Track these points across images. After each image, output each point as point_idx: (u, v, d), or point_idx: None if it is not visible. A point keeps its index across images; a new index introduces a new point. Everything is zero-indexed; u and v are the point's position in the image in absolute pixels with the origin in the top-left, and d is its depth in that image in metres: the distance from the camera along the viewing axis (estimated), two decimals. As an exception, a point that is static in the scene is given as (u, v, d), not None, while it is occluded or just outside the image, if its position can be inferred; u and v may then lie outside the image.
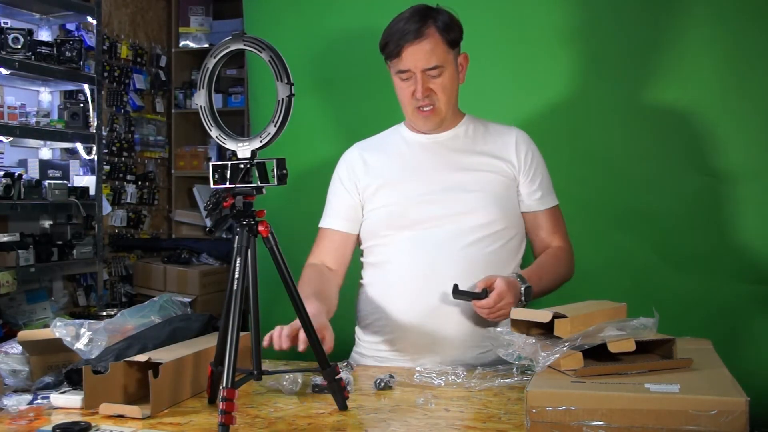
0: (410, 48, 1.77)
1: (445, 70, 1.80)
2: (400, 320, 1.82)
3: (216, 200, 1.30)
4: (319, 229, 1.98)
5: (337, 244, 1.94)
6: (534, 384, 1.22)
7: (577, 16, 2.34)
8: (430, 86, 1.80)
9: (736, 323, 2.20)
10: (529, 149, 1.89)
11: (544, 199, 1.89)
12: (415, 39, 1.77)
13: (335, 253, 1.94)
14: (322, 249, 1.95)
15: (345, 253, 1.95)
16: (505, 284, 1.68)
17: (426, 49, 1.77)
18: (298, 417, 1.37)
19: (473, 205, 1.81)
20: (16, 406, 1.43)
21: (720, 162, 2.22)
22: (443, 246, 1.79)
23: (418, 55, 1.77)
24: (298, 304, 1.39)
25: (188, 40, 5.27)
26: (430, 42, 1.77)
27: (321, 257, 1.95)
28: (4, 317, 3.58)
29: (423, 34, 1.77)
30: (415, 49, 1.77)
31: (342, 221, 1.94)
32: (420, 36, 1.77)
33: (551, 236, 1.91)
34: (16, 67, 3.42)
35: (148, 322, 1.64)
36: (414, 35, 1.77)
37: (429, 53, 1.77)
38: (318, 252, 1.96)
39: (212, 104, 1.38)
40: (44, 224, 3.94)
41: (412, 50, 1.77)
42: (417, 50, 1.77)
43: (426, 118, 1.85)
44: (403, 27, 1.78)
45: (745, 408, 1.09)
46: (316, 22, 2.62)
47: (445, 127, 1.90)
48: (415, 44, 1.77)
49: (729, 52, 2.20)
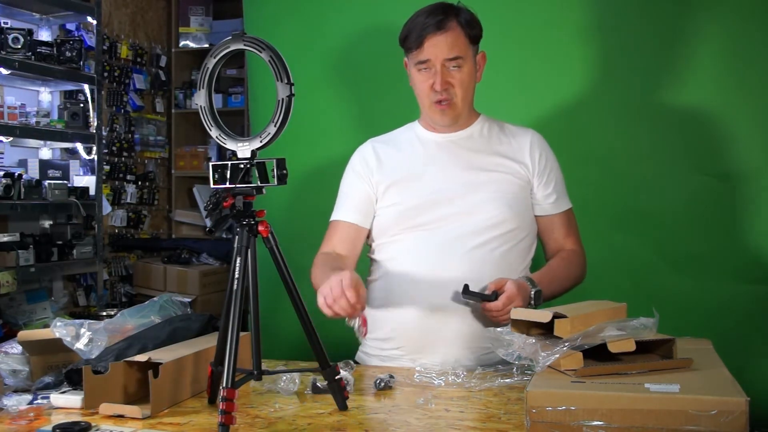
0: (432, 38, 1.79)
1: (464, 63, 1.81)
2: (402, 319, 1.82)
3: (216, 200, 1.30)
4: (330, 222, 1.96)
5: (350, 236, 1.92)
6: (534, 384, 1.22)
7: (578, 19, 2.34)
8: (448, 79, 1.81)
9: (736, 323, 2.20)
10: (544, 152, 1.89)
11: (558, 202, 1.89)
12: (438, 30, 1.78)
13: (347, 244, 1.92)
14: (333, 240, 1.93)
15: (356, 245, 1.93)
16: (516, 288, 1.69)
17: (448, 41, 1.79)
18: (298, 417, 1.37)
19: (484, 205, 1.81)
20: (16, 406, 1.43)
21: (720, 162, 2.22)
22: (450, 245, 1.79)
23: (440, 45, 1.79)
24: (298, 304, 1.39)
25: (188, 40, 5.27)
26: (452, 34, 1.79)
27: (332, 247, 1.93)
28: (4, 317, 3.58)
29: (445, 26, 1.79)
30: (438, 39, 1.79)
31: (355, 214, 1.92)
32: (442, 28, 1.79)
33: (564, 239, 1.90)
34: (16, 67, 3.42)
35: (148, 322, 1.64)
36: (436, 26, 1.79)
37: (451, 44, 1.79)
38: (329, 243, 1.94)
39: (212, 104, 1.38)
40: (44, 224, 3.94)
41: (435, 41, 1.79)
42: (439, 41, 1.79)
43: (443, 112, 1.84)
44: (425, 20, 1.80)
45: (745, 408, 1.09)
46: (316, 22, 2.63)
47: (460, 126, 1.90)
48: (437, 35, 1.78)
49: (729, 52, 2.20)
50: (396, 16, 1.92)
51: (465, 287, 1.70)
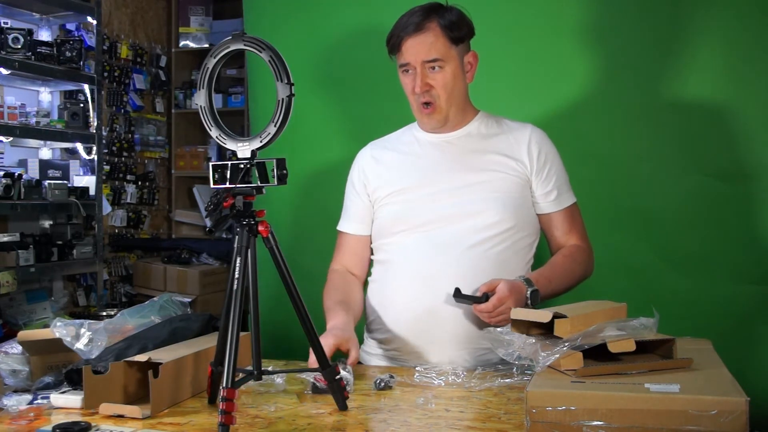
0: (410, 40, 1.78)
1: (446, 65, 1.80)
2: (399, 319, 1.82)
3: (217, 200, 1.30)
4: (337, 231, 2.01)
5: (356, 247, 1.98)
6: (534, 384, 1.22)
7: (578, 19, 2.34)
8: (429, 81, 1.80)
9: (736, 323, 2.20)
10: (543, 148, 1.87)
11: (559, 198, 1.88)
12: (415, 32, 1.78)
13: (355, 257, 1.98)
14: (342, 254, 1.99)
15: (364, 255, 1.98)
16: (507, 289, 1.67)
17: (425, 42, 1.78)
18: (298, 417, 1.37)
19: (480, 205, 1.80)
20: (16, 406, 1.43)
21: (720, 162, 2.22)
22: (447, 247, 1.78)
23: (417, 47, 1.78)
24: (298, 304, 1.39)
25: (188, 40, 5.27)
26: (431, 36, 1.78)
27: (343, 262, 1.98)
28: (4, 317, 3.58)
29: (423, 28, 1.78)
30: (414, 41, 1.78)
31: (356, 225, 1.97)
32: (420, 29, 1.78)
33: (567, 236, 1.89)
34: (16, 67, 3.42)
35: (148, 322, 1.64)
36: (414, 28, 1.78)
37: (428, 46, 1.78)
38: (339, 257, 2.00)
39: (212, 104, 1.38)
40: (44, 224, 3.94)
41: (412, 42, 1.78)
42: (416, 42, 1.78)
43: (428, 116, 1.84)
44: (405, 21, 1.80)
45: (745, 408, 1.09)
46: (316, 22, 2.62)
47: (454, 126, 1.89)
48: (414, 36, 1.78)
49: (730, 52, 2.20)
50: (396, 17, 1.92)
51: (456, 291, 1.69)
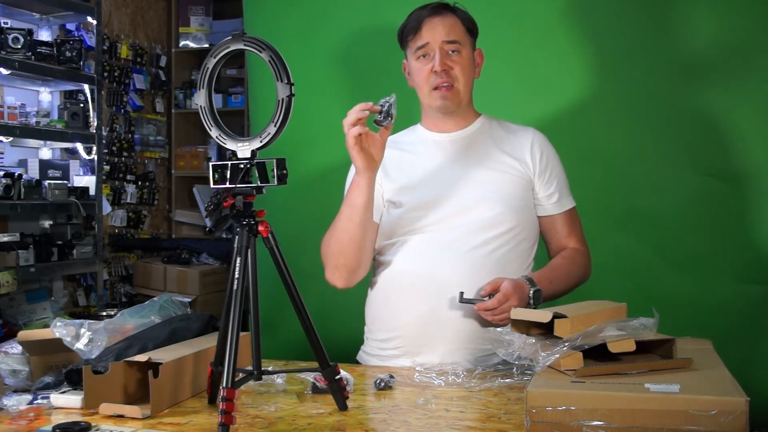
0: (430, 22, 1.82)
1: (463, 50, 1.83)
2: (400, 320, 1.81)
3: (217, 200, 1.30)
4: None
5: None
6: (534, 384, 1.22)
7: (580, 17, 2.34)
8: (448, 62, 1.81)
9: (736, 323, 2.20)
10: (545, 151, 1.88)
11: (560, 201, 1.89)
12: (435, 14, 1.82)
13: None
14: None
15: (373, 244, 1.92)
16: (511, 287, 1.68)
17: (446, 23, 1.82)
18: (298, 417, 1.37)
19: (483, 204, 1.80)
20: (16, 406, 1.43)
21: (720, 162, 2.22)
22: (449, 247, 1.78)
23: (437, 28, 1.81)
24: (298, 304, 1.39)
25: (188, 40, 5.27)
26: (450, 19, 1.83)
27: None
28: (4, 317, 3.58)
29: (442, 13, 1.83)
30: (435, 22, 1.82)
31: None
32: (439, 13, 1.83)
33: (566, 239, 1.90)
34: (16, 67, 3.42)
35: (148, 322, 1.64)
36: (433, 11, 1.83)
37: (449, 28, 1.82)
38: None
39: (212, 104, 1.38)
40: (44, 224, 3.94)
41: (432, 23, 1.82)
42: (437, 23, 1.82)
43: (444, 97, 1.83)
44: (420, 9, 1.85)
45: (745, 408, 1.10)
46: (316, 22, 2.62)
47: (460, 125, 1.90)
48: (434, 18, 1.82)
49: (729, 53, 2.20)
50: (396, 17, 1.92)
51: (460, 295, 1.69)
